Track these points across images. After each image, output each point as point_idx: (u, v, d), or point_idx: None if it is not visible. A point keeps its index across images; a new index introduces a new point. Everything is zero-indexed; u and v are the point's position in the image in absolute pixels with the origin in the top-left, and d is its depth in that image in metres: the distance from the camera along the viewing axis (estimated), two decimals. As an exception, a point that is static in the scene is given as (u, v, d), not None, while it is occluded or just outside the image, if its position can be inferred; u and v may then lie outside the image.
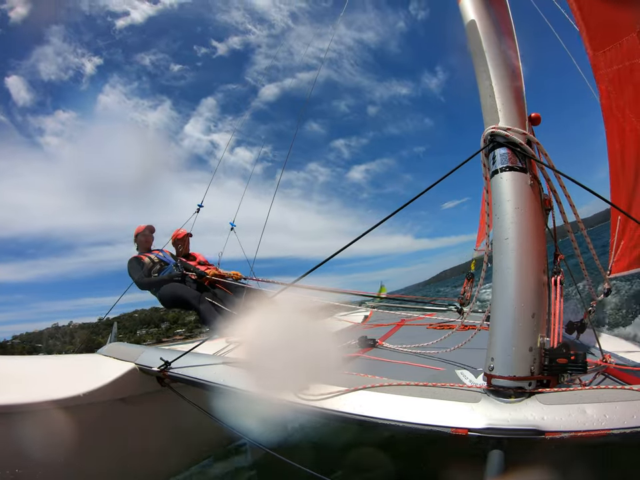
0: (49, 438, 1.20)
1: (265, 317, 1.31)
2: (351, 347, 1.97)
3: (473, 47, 1.35)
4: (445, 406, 0.99)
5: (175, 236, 3.56)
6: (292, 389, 1.14)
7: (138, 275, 3.17)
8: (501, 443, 0.90)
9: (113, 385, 1.43)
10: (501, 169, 1.17)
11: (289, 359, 1.13)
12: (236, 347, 1.99)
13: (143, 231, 3.46)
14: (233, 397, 1.25)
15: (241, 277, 3.37)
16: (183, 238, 3.57)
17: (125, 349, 1.69)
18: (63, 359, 1.73)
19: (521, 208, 1.11)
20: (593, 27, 2.28)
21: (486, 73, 1.28)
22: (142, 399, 1.55)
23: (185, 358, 1.44)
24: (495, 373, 1.01)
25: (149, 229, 3.52)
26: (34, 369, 1.50)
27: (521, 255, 1.06)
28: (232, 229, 3.69)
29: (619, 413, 0.87)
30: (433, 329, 2.65)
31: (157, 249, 3.51)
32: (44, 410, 1.20)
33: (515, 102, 1.25)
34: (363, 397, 1.08)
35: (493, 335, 1.05)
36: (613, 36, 2.17)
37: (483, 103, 1.28)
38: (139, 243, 3.47)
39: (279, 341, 1.17)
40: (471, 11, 1.40)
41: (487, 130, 1.23)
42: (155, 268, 3.31)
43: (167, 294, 3.18)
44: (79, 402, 1.29)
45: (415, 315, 3.16)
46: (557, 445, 0.89)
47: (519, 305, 1.02)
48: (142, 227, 3.51)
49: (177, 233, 3.57)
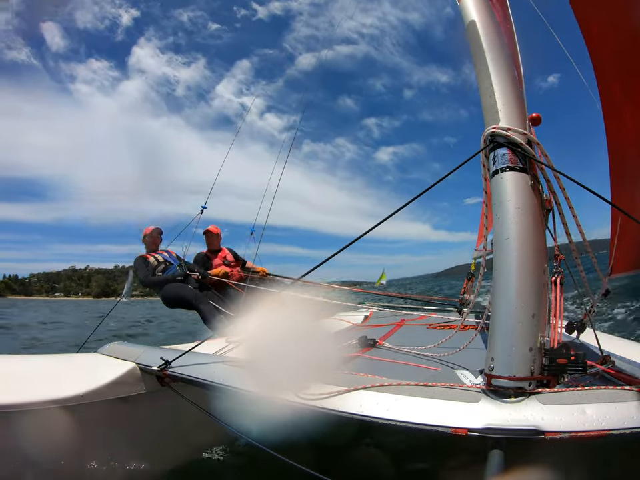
0: (49, 437, 1.20)
1: (266, 316, 1.31)
2: (351, 346, 1.97)
3: (473, 47, 1.35)
4: (445, 406, 0.99)
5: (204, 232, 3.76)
6: (292, 388, 1.14)
7: (143, 273, 3.31)
8: (501, 442, 0.90)
9: (113, 384, 1.43)
10: (502, 169, 1.17)
11: (289, 359, 1.14)
12: (236, 346, 1.99)
13: (150, 233, 3.61)
14: (233, 397, 1.25)
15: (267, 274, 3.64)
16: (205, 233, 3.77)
17: (125, 349, 1.69)
18: (63, 358, 1.73)
19: (521, 208, 1.11)
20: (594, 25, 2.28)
21: (486, 73, 1.28)
22: (142, 399, 1.55)
23: (185, 357, 1.45)
24: (495, 373, 1.01)
25: (157, 231, 3.67)
26: (34, 369, 1.50)
27: (522, 255, 1.06)
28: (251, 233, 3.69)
29: (619, 413, 0.87)
30: (433, 329, 2.65)
31: (163, 250, 3.66)
32: (44, 409, 1.21)
33: (516, 102, 1.25)
34: (363, 397, 1.08)
35: (493, 335, 1.05)
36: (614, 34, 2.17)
37: (483, 103, 1.28)
38: (146, 244, 3.61)
39: (279, 340, 1.17)
40: (472, 12, 1.40)
41: (487, 130, 1.22)
42: (160, 267, 3.43)
43: (168, 294, 3.28)
44: (79, 401, 1.30)
45: (415, 315, 3.16)
46: (556, 445, 0.89)
47: (519, 305, 1.02)
48: (150, 228, 3.66)
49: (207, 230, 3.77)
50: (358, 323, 3.31)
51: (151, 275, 3.33)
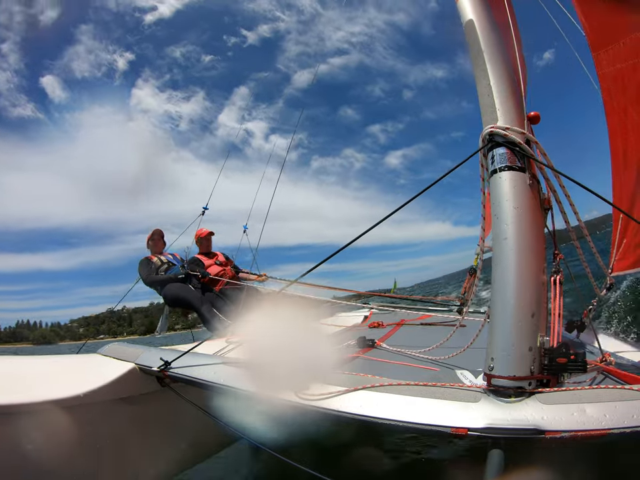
0: (49, 438, 1.20)
1: (265, 316, 1.31)
2: (350, 347, 1.96)
3: (471, 46, 1.35)
4: (445, 406, 0.99)
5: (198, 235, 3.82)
6: (292, 388, 1.14)
7: (145, 272, 3.44)
8: (501, 442, 0.90)
9: (113, 385, 1.43)
10: (500, 169, 1.16)
11: (289, 359, 1.14)
12: (236, 347, 1.99)
13: (152, 236, 3.75)
14: (233, 397, 1.25)
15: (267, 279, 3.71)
16: (206, 236, 3.83)
17: (125, 349, 1.69)
18: (63, 358, 1.73)
19: (520, 207, 1.10)
20: (595, 26, 2.27)
21: (484, 72, 1.27)
22: (142, 399, 1.55)
23: (185, 358, 1.45)
24: (495, 372, 1.01)
25: (158, 233, 3.78)
26: (34, 369, 1.50)
27: (521, 254, 1.06)
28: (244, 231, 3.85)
29: (619, 413, 0.86)
30: (433, 329, 2.64)
31: (168, 252, 3.78)
32: (44, 410, 1.21)
33: (514, 101, 1.25)
34: (363, 397, 1.08)
35: (493, 334, 1.05)
36: (615, 35, 2.16)
37: (481, 102, 1.27)
38: (150, 248, 3.75)
39: (278, 340, 1.17)
40: (469, 10, 1.39)
41: (486, 129, 1.22)
42: (163, 268, 3.55)
43: (169, 293, 3.35)
44: (79, 402, 1.30)
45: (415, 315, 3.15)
46: (556, 445, 0.89)
47: (518, 305, 1.02)
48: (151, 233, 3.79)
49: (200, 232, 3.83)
50: (358, 323, 3.31)
51: (153, 274, 3.44)
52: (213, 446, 1.90)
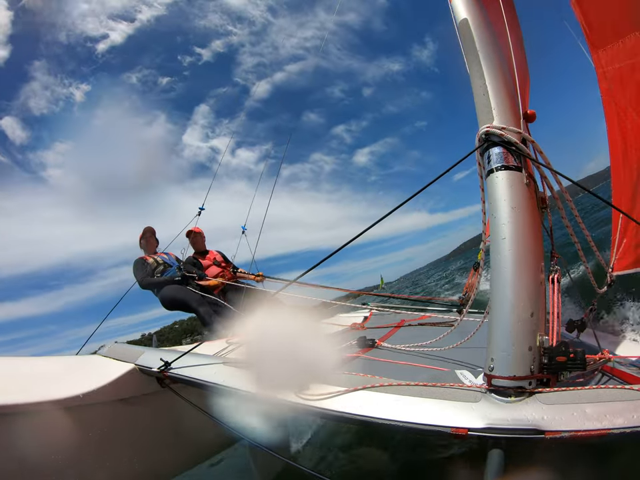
0: (49, 438, 1.20)
1: (265, 317, 1.31)
2: (350, 347, 1.96)
3: (465, 45, 1.34)
4: (445, 406, 0.99)
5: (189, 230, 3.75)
6: (292, 388, 1.14)
7: (141, 275, 3.28)
8: (501, 442, 0.90)
9: (113, 385, 1.43)
10: (496, 168, 1.16)
11: (289, 359, 1.14)
12: (236, 347, 1.99)
13: (143, 235, 3.61)
14: (233, 397, 1.25)
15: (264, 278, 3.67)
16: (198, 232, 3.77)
17: (125, 350, 1.69)
18: (63, 359, 1.73)
19: (517, 207, 1.10)
20: (595, 25, 2.27)
21: (479, 71, 1.27)
22: (142, 400, 1.55)
23: (185, 358, 1.45)
24: (495, 373, 1.00)
25: (149, 231, 3.65)
26: (33, 369, 1.50)
27: (518, 254, 1.06)
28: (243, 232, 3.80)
29: (619, 413, 0.86)
30: (433, 329, 2.64)
31: (163, 252, 3.64)
32: (43, 410, 1.21)
33: (509, 100, 1.24)
34: (363, 397, 1.08)
35: (492, 334, 1.05)
36: (615, 34, 2.16)
37: (476, 101, 1.27)
38: (143, 247, 3.62)
39: (278, 341, 1.17)
40: (463, 10, 1.39)
41: (482, 129, 1.22)
42: (159, 269, 3.41)
43: (167, 296, 3.26)
44: (78, 402, 1.30)
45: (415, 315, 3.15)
46: (557, 445, 0.88)
47: (517, 304, 1.02)
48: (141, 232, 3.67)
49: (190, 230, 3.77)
50: (357, 323, 3.30)
51: (149, 276, 3.31)
52: (213, 446, 1.90)
